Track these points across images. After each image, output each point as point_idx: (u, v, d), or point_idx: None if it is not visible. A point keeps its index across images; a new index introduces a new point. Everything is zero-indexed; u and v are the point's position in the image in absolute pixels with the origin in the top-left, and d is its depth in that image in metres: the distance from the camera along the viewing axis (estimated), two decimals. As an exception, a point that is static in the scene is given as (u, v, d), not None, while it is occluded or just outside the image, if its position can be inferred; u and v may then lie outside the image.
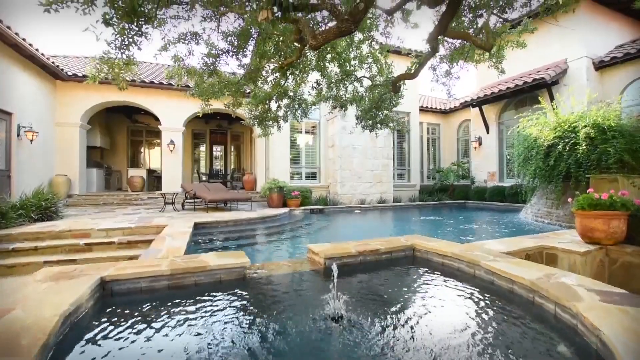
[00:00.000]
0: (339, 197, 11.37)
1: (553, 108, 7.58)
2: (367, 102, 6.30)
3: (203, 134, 16.81)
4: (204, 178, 14.94)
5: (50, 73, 9.73)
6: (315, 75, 6.13)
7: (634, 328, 1.55)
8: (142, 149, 16.10)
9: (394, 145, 13.24)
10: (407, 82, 5.73)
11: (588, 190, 4.12)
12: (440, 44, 5.21)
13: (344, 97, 6.40)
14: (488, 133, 12.88)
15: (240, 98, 5.90)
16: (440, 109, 16.24)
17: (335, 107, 6.57)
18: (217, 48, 4.90)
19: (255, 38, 4.86)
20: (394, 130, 7.58)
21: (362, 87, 6.43)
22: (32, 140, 8.62)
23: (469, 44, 5.08)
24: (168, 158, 11.86)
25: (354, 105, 6.51)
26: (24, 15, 17.92)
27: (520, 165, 7.88)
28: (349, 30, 3.24)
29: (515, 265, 2.56)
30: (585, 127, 6.34)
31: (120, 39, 3.35)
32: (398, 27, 5.32)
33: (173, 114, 11.77)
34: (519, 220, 8.22)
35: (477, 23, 5.03)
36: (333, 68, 5.98)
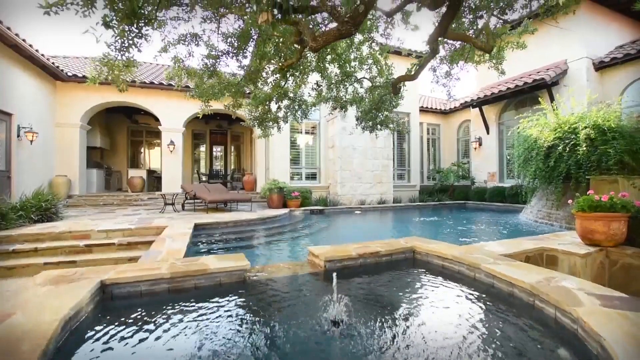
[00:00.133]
0: (339, 197, 11.36)
1: (553, 109, 7.58)
2: (367, 103, 6.29)
3: (203, 135, 16.80)
4: (204, 178, 14.93)
5: (50, 74, 9.73)
6: (316, 77, 6.12)
7: (634, 333, 1.55)
8: (142, 150, 16.10)
9: (394, 146, 13.23)
10: (407, 83, 5.72)
11: (588, 192, 4.13)
12: (441, 46, 5.21)
13: (344, 98, 6.39)
14: (488, 133, 12.88)
15: (241, 99, 5.89)
16: (440, 110, 16.22)
17: (335, 108, 6.56)
18: (217, 49, 4.90)
19: (255, 39, 4.85)
20: (394, 131, 7.57)
21: (362, 88, 6.42)
22: (32, 141, 8.62)
23: (469, 46, 5.08)
24: (168, 158, 11.86)
25: (354, 106, 6.50)
26: (24, 16, 17.92)
27: (521, 166, 7.88)
28: (349, 33, 3.23)
29: (516, 268, 2.56)
30: (586, 128, 6.34)
31: (120, 41, 3.34)
32: (398, 28, 5.30)
33: (173, 115, 11.77)
34: (519, 221, 8.22)
35: (477, 24, 5.02)
36: (333, 69, 5.97)
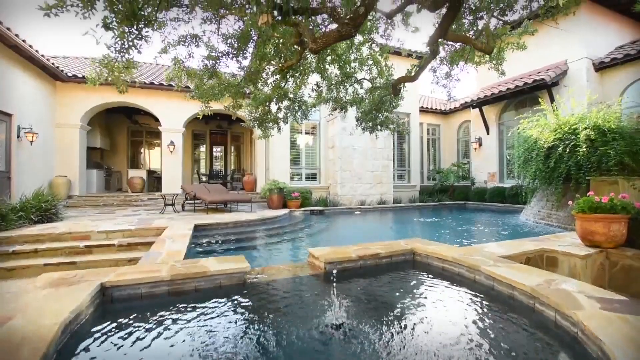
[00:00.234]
0: (339, 198, 11.36)
1: (553, 109, 7.58)
2: (367, 104, 6.29)
3: (203, 135, 16.80)
4: (204, 179, 14.93)
5: (50, 74, 9.73)
6: (316, 77, 6.12)
7: (634, 337, 1.55)
8: (142, 150, 16.10)
9: (394, 146, 13.23)
10: (407, 83, 5.72)
11: (588, 193, 4.13)
12: (441, 47, 5.20)
13: (344, 99, 6.39)
14: (488, 134, 12.88)
15: (241, 100, 5.88)
16: (441, 110, 16.22)
17: (336, 109, 6.56)
18: (217, 50, 4.90)
19: (255, 40, 4.85)
20: (394, 132, 7.58)
21: (362, 89, 6.42)
22: (32, 142, 8.62)
23: (469, 47, 5.08)
24: (168, 159, 11.86)
25: (354, 107, 6.50)
26: (24, 16, 17.91)
27: (521, 167, 7.88)
28: (349, 35, 3.23)
29: (516, 271, 2.56)
30: (586, 129, 6.34)
31: (120, 43, 3.34)
32: (398, 30, 5.31)
33: (173, 115, 11.76)
34: (520, 222, 8.22)
35: (477, 25, 5.02)
36: (333, 70, 5.97)
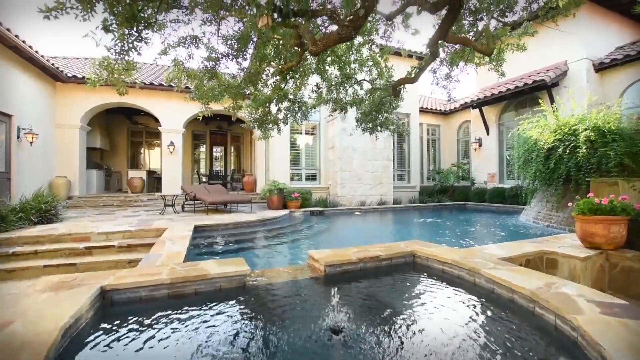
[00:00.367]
0: (339, 198, 11.36)
1: (553, 110, 7.58)
2: (367, 105, 6.30)
3: (203, 135, 16.80)
4: (204, 179, 14.93)
5: (50, 75, 9.72)
6: (316, 78, 6.12)
7: (634, 342, 1.55)
8: (142, 150, 16.10)
9: (394, 147, 13.23)
10: (407, 84, 5.72)
11: (588, 194, 4.12)
12: (441, 48, 5.20)
13: (344, 100, 6.39)
14: (488, 134, 12.88)
15: (241, 101, 5.88)
16: (440, 110, 16.22)
17: (335, 109, 6.56)
18: (217, 52, 4.89)
19: (255, 41, 4.84)
20: (394, 133, 7.58)
21: (362, 90, 6.42)
22: (32, 142, 8.61)
23: (470, 48, 5.08)
24: (168, 159, 11.85)
25: (354, 108, 6.50)
26: (24, 16, 17.92)
27: (521, 168, 7.88)
28: (349, 37, 3.23)
29: (516, 274, 2.56)
30: (586, 130, 6.34)
31: (120, 45, 3.33)
32: (398, 31, 5.30)
33: (173, 116, 11.76)
34: (520, 223, 8.22)
35: (477, 26, 5.02)
36: (333, 71, 5.97)
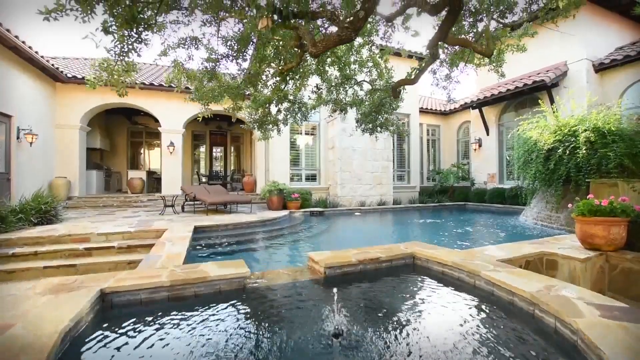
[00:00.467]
0: (339, 199, 11.36)
1: (553, 111, 7.58)
2: (367, 105, 6.30)
3: (203, 135, 16.80)
4: (204, 179, 14.93)
5: (50, 75, 9.72)
6: (315, 79, 6.12)
7: (633, 346, 1.55)
8: (141, 150, 16.10)
9: (394, 147, 13.23)
10: (407, 85, 5.71)
11: (588, 196, 4.12)
12: (440, 49, 5.20)
13: (344, 100, 6.39)
14: (488, 135, 12.88)
15: (240, 102, 5.88)
16: (440, 111, 16.22)
17: (335, 110, 6.56)
18: (216, 53, 4.89)
19: (255, 42, 4.84)
20: (394, 133, 7.59)
21: (362, 90, 6.42)
22: (31, 143, 8.61)
23: (469, 50, 5.08)
24: (168, 160, 11.85)
25: (354, 109, 6.51)
26: (24, 16, 17.92)
27: (520, 168, 7.88)
28: (349, 39, 3.23)
29: (516, 276, 2.56)
30: (586, 131, 6.34)
31: (120, 46, 3.33)
32: (398, 33, 5.30)
33: (173, 116, 11.76)
34: (519, 223, 8.23)
35: (477, 27, 5.02)
36: (333, 72, 5.97)
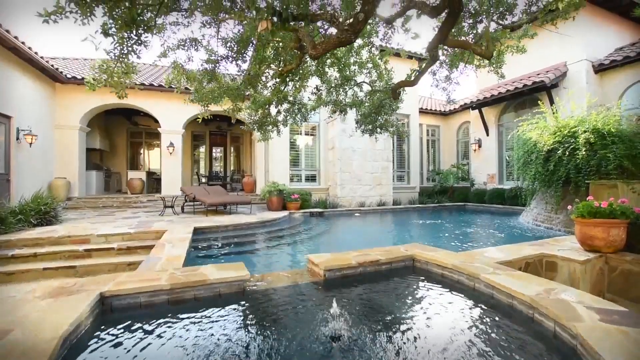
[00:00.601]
0: (339, 199, 11.36)
1: (553, 112, 7.58)
2: (366, 107, 6.30)
3: (202, 136, 16.80)
4: (204, 180, 14.93)
5: (50, 76, 9.72)
6: (315, 80, 6.12)
7: (633, 351, 1.55)
8: (141, 151, 16.09)
9: (394, 147, 13.24)
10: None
11: (588, 197, 4.12)
12: (440, 51, 5.20)
13: (344, 101, 6.39)
14: (488, 135, 12.89)
15: (240, 103, 5.88)
16: (440, 111, 16.23)
17: (335, 111, 6.56)
18: (216, 54, 4.89)
19: (255, 44, 4.84)
20: (394, 134, 7.59)
21: (361, 92, 6.42)
22: (31, 144, 8.61)
23: (469, 51, 5.08)
24: (167, 160, 11.85)
25: (354, 110, 6.51)
26: (24, 16, 17.85)
27: (520, 169, 7.89)
28: (349, 41, 3.23)
29: (516, 279, 2.56)
30: (585, 132, 6.34)
31: (119, 48, 3.33)
32: (398, 34, 5.31)
33: (173, 117, 11.76)
34: (519, 224, 8.23)
35: (477, 29, 5.02)
36: (333, 73, 5.97)
